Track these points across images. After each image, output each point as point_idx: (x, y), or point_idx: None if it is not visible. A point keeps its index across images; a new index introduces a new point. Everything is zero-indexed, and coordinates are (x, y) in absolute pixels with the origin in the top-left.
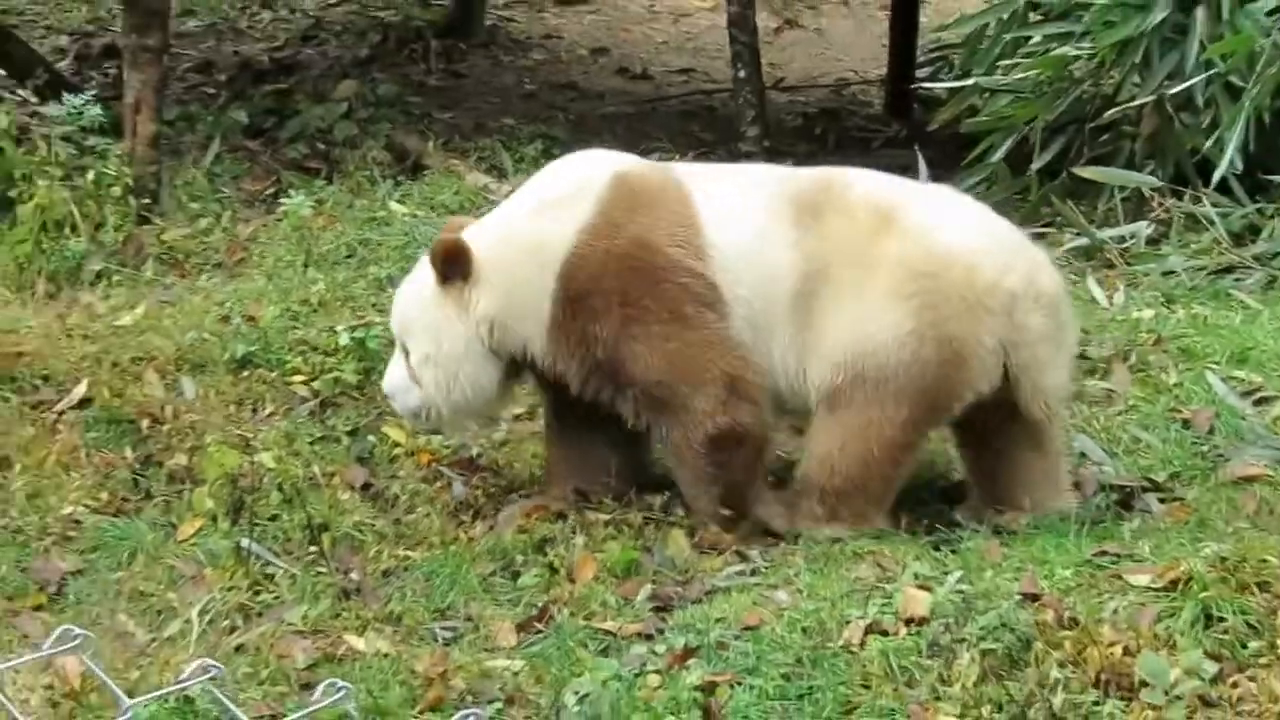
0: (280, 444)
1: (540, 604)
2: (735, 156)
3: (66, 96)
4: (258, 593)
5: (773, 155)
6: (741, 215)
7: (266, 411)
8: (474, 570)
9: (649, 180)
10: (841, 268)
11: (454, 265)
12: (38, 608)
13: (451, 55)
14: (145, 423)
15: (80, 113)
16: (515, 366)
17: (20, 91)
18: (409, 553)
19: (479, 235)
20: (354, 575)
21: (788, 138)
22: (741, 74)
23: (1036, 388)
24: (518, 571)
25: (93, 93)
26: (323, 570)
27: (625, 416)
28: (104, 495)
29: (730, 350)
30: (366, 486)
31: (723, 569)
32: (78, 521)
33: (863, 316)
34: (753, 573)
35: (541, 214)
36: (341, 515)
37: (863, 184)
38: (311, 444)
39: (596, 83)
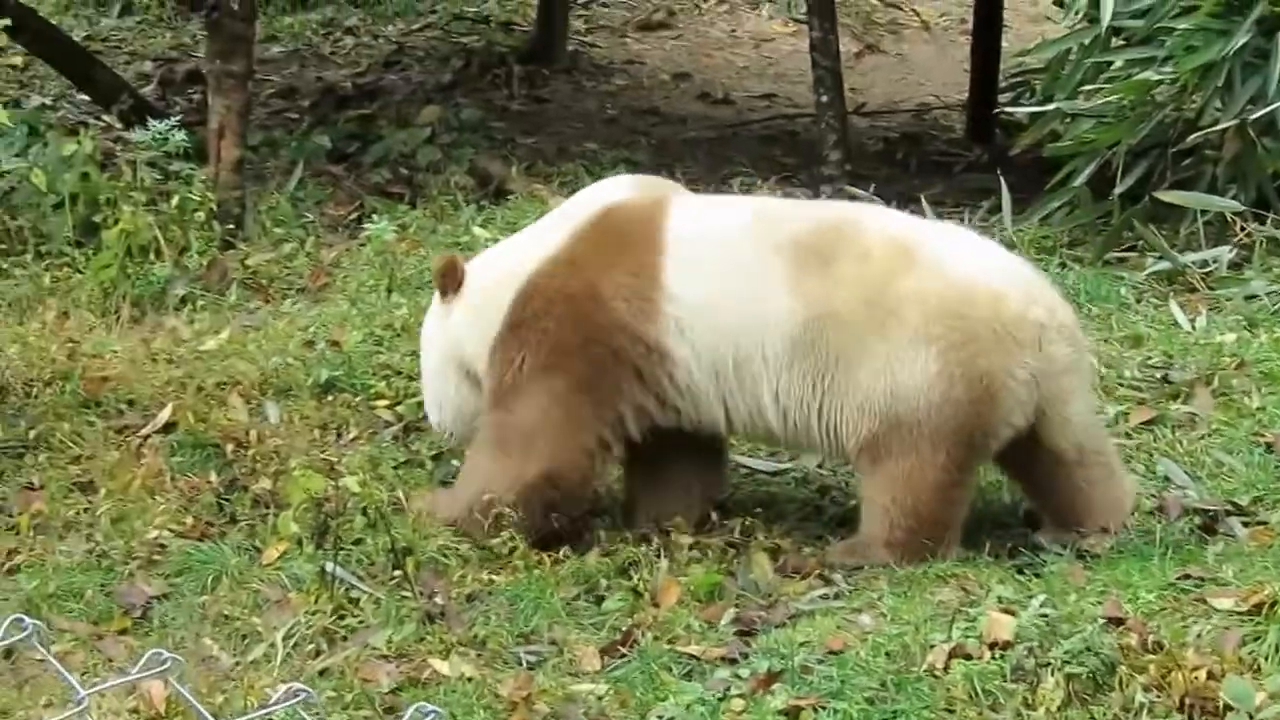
0: (364, 468)
1: (624, 628)
2: (817, 181)
3: (151, 122)
4: (342, 617)
5: (855, 180)
6: (719, 262)
7: (350, 436)
8: (558, 594)
9: (633, 219)
10: (857, 310)
11: (446, 281)
12: (122, 632)
13: (534, 80)
14: (230, 447)
15: (165, 138)
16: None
17: (105, 117)
18: (493, 577)
19: (485, 254)
20: (438, 599)
21: (869, 162)
22: (824, 99)
23: (1063, 419)
24: (602, 596)
25: (177, 118)
26: (407, 594)
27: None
28: (189, 519)
29: (600, 428)
30: None
31: (806, 593)
32: (163, 546)
33: (889, 360)
34: (836, 596)
35: (527, 239)
36: (425, 539)
37: (875, 223)
38: (395, 468)
39: (678, 108)
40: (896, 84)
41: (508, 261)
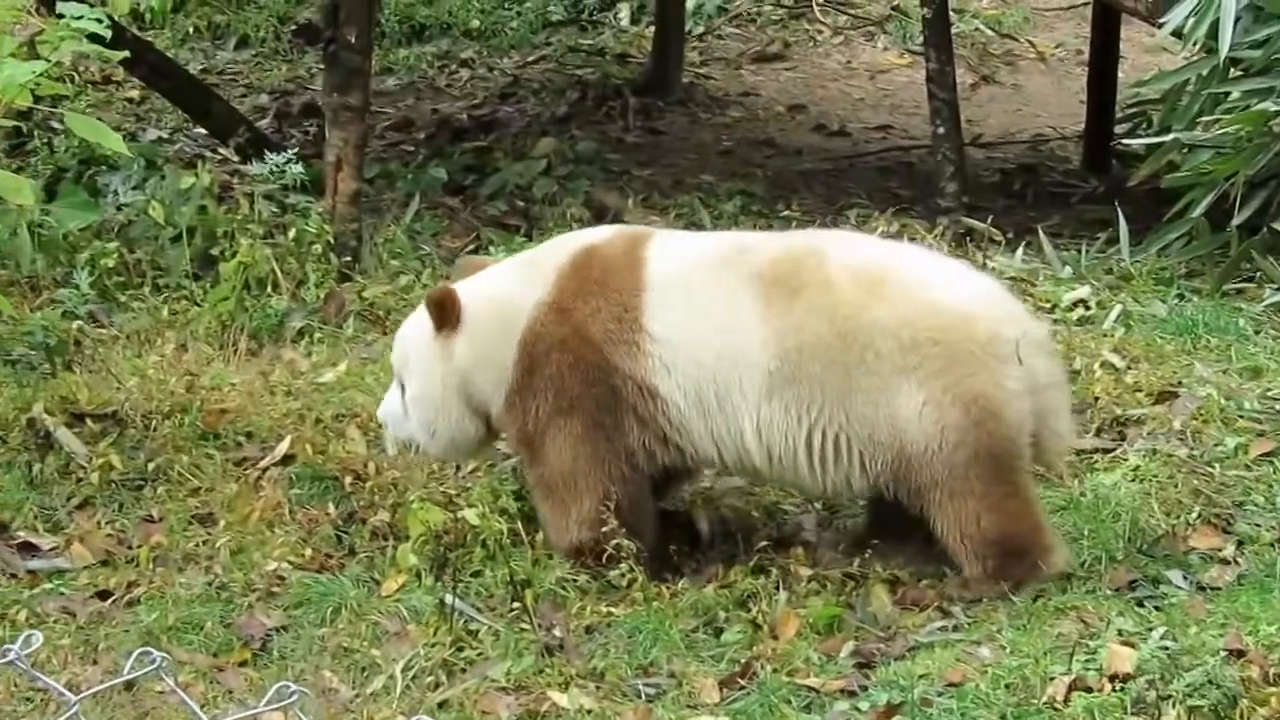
0: (483, 500)
1: (743, 660)
2: (933, 213)
3: (268, 155)
4: (461, 649)
5: (971, 211)
6: (693, 298)
7: (469, 468)
8: (676, 626)
9: (611, 261)
10: (832, 342)
11: (445, 314)
12: (242, 663)
13: (649, 112)
14: (348, 479)
15: (282, 171)
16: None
17: (222, 150)
18: (611, 609)
19: (473, 287)
20: (557, 631)
21: (986, 194)
22: (940, 130)
23: (1054, 434)
24: (720, 628)
25: (294, 151)
26: (526, 626)
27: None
28: (308, 551)
29: (621, 467)
30: None
31: (925, 625)
32: (282, 577)
33: (879, 394)
34: (955, 628)
35: (519, 278)
36: (544, 571)
37: (839, 252)
38: (514, 499)
39: (794, 139)
40: (1012, 115)
41: (504, 299)
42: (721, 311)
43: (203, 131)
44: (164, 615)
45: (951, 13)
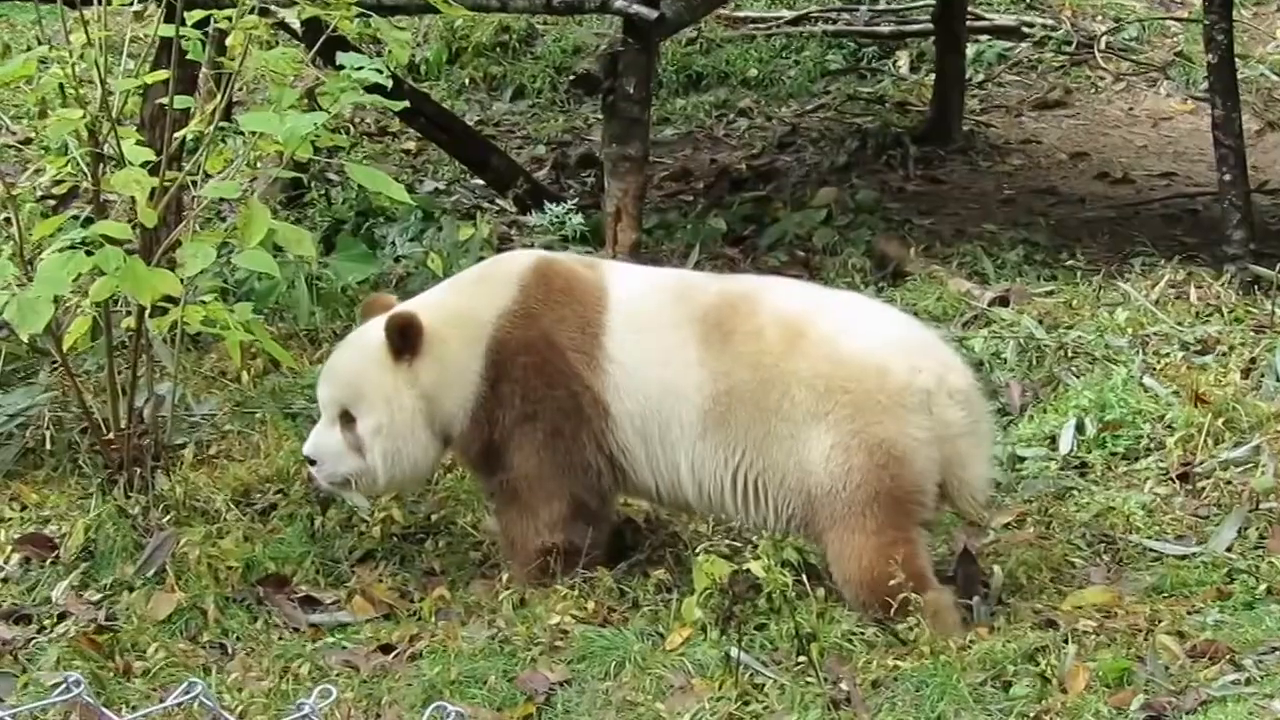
0: (768, 552)
1: (1032, 714)
2: (1220, 261)
3: (547, 205)
4: (746, 703)
5: (1259, 259)
6: (648, 329)
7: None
8: (964, 680)
9: (576, 276)
10: (756, 388)
11: (407, 340)
12: (526, 718)
13: (930, 161)
14: (630, 532)
15: (561, 221)
16: (446, 443)
17: (500, 201)
18: (898, 662)
19: (423, 312)
20: (843, 685)
21: (1273, 241)
22: (1226, 177)
23: (962, 482)
24: (1009, 681)
25: (573, 201)
26: (812, 680)
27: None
28: (590, 605)
29: (582, 475)
30: None
31: (1217, 678)
32: (565, 631)
33: (792, 441)
34: (1248, 682)
35: (473, 294)
36: (830, 624)
37: (769, 299)
38: (800, 552)
39: (1077, 187)
40: None
41: (464, 315)
42: (670, 346)
43: (480, 183)
44: (447, 669)
45: (1236, 58)
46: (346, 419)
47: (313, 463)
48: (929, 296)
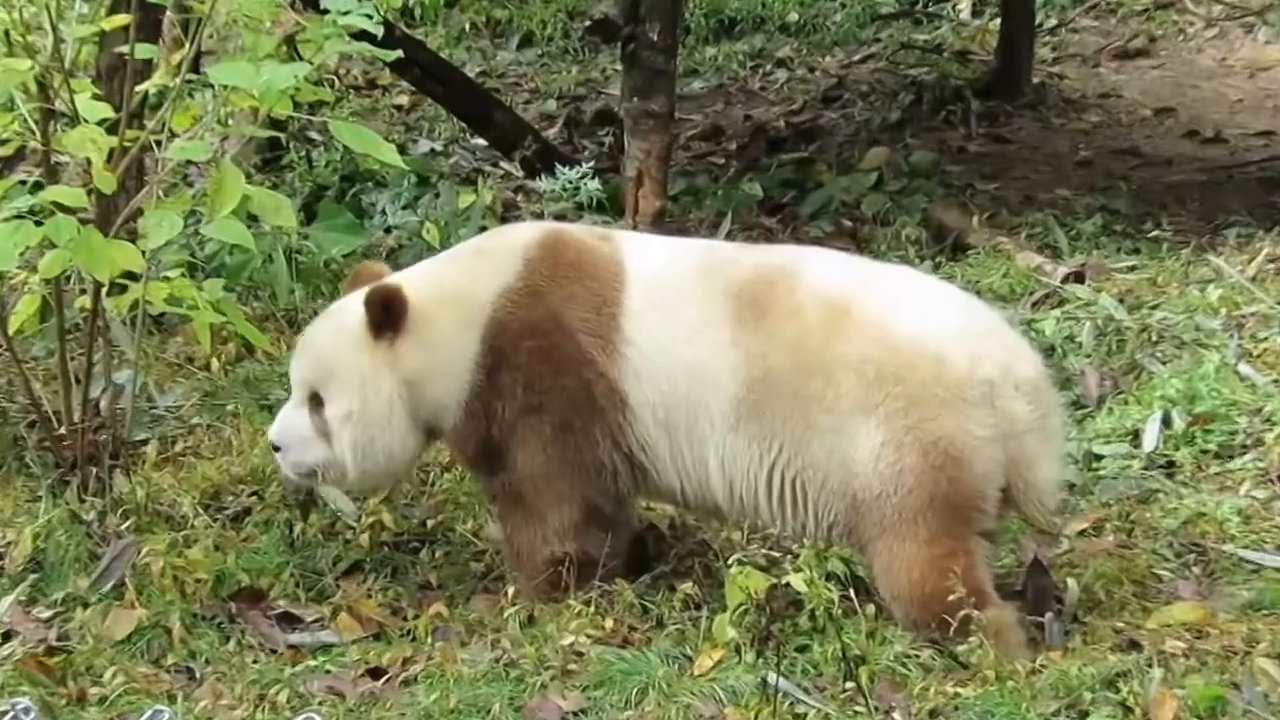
0: (810, 563)
1: None
2: None
3: (559, 169)
4: None
5: None
6: (672, 307)
7: None
8: (1034, 709)
9: (589, 250)
10: (795, 375)
11: (389, 316)
12: None
13: (995, 118)
14: (653, 538)
15: (575, 187)
16: (428, 437)
17: (505, 164)
18: (958, 689)
19: (412, 286)
20: (896, 715)
21: None
22: None
23: (1029, 485)
24: (1085, 710)
25: (588, 164)
26: (860, 709)
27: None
28: (608, 623)
29: (595, 476)
30: None
31: None
32: (579, 653)
33: (835, 435)
34: None
35: (469, 269)
36: (881, 646)
37: (811, 274)
38: (846, 563)
39: (1162, 147)
40: None
41: (459, 292)
42: (698, 325)
43: (482, 143)
44: (445, 696)
45: None
46: (316, 401)
47: (278, 448)
48: (993, 272)
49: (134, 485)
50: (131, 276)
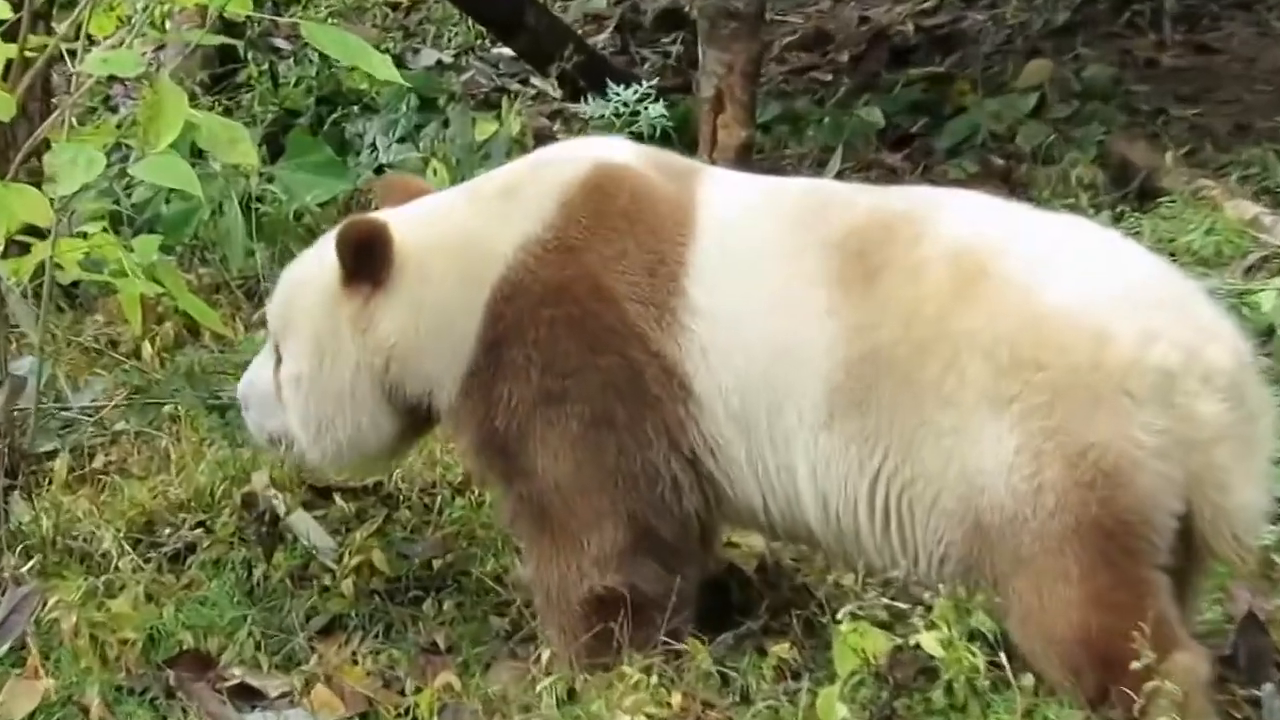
0: (946, 617)
1: None
2: None
3: (610, 88)
4: None
5: None
6: (754, 264)
7: None
8: None
9: (643, 190)
10: (908, 353)
11: (366, 260)
12: None
13: (1196, 19)
14: (736, 585)
15: (633, 111)
16: (417, 418)
17: (537, 81)
18: None
19: (410, 224)
20: None
21: None
22: None
23: (1220, 511)
24: None
25: (649, 81)
26: None
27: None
28: (675, 699)
29: (647, 488)
30: None
31: None
32: None
33: (954, 435)
34: None
35: (485, 209)
36: None
37: (944, 222)
38: (991, 616)
39: None
40: None
41: (465, 240)
42: (787, 286)
43: (507, 53)
44: None
45: None
46: (278, 356)
47: (244, 405)
48: (1193, 227)
49: (38, 513)
50: (36, 233)
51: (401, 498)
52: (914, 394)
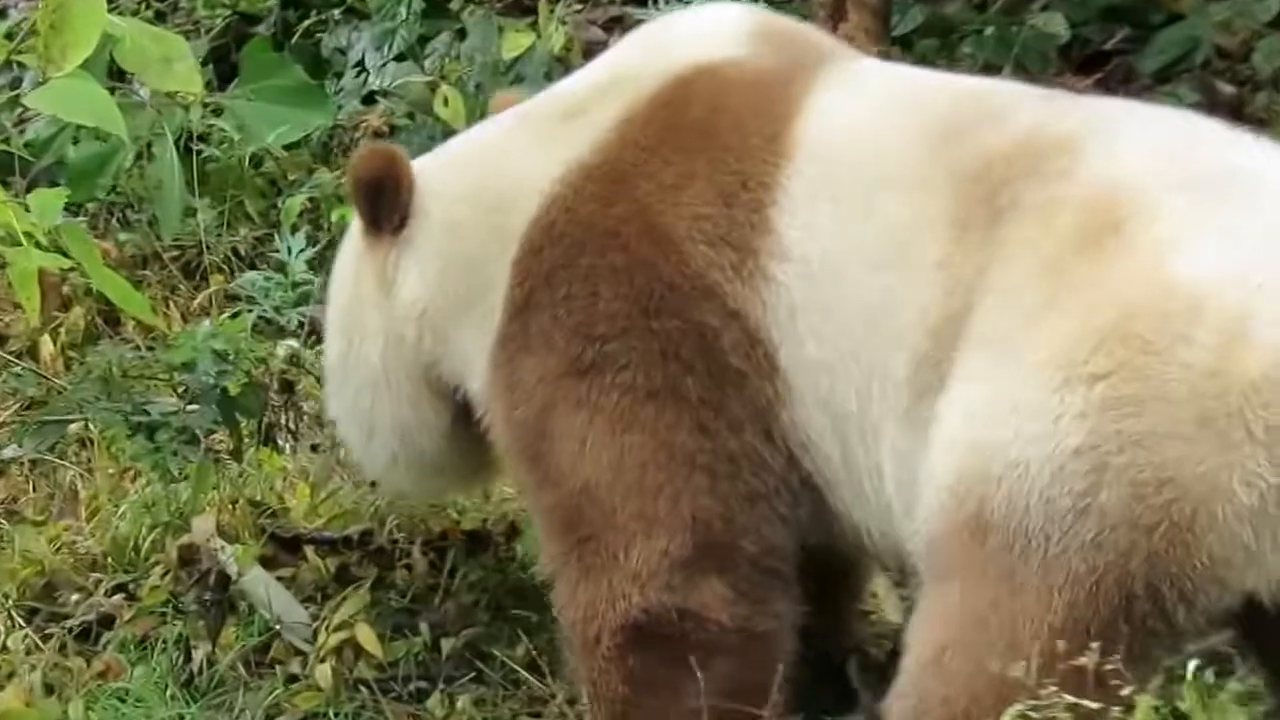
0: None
1: None
2: None
3: None
4: None
5: None
6: (865, 195)
7: None
8: None
9: (736, 93)
10: (1004, 311)
11: (380, 204)
12: None
13: None
14: (854, 665)
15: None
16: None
17: None
18: None
19: (452, 153)
20: None
21: None
22: None
23: None
24: None
25: None
26: None
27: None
28: None
29: (730, 483)
30: None
31: None
32: None
33: (999, 401)
34: None
35: (531, 132)
36: None
37: (1098, 157)
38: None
39: None
40: None
41: (495, 177)
42: (898, 231)
43: None
44: None
45: None
46: None
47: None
48: None
49: None
50: None
51: (398, 553)
52: (994, 353)
